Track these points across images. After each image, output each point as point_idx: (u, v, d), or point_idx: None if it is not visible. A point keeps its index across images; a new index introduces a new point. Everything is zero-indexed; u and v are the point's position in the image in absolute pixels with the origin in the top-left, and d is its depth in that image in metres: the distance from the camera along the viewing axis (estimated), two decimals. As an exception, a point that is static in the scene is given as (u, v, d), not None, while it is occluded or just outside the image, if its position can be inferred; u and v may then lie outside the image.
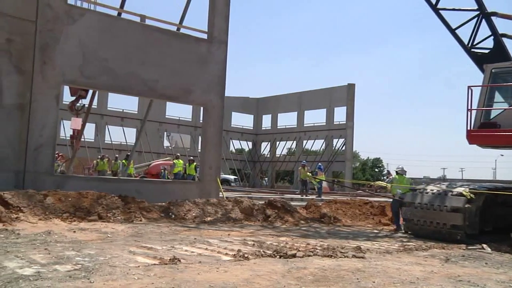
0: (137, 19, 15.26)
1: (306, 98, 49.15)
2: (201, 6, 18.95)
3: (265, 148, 54.03)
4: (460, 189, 10.73)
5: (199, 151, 35.19)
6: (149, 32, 15.22)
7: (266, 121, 54.56)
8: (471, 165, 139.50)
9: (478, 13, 12.85)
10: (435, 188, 11.40)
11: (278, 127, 53.00)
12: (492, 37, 12.88)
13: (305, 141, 50.21)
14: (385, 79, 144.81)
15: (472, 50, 13.17)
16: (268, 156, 52.86)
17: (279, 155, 52.07)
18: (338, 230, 12.18)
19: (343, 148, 45.16)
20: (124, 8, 15.60)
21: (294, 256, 6.96)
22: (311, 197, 23.00)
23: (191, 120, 48.76)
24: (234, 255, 6.79)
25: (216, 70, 16.63)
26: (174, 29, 16.38)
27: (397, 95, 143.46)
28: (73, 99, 17.30)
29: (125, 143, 42.24)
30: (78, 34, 13.64)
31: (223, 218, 12.35)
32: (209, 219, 12.15)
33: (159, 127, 45.04)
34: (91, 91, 16.40)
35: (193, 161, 23.84)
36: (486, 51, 13.05)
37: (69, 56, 13.50)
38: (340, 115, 45.95)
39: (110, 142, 42.39)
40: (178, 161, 24.64)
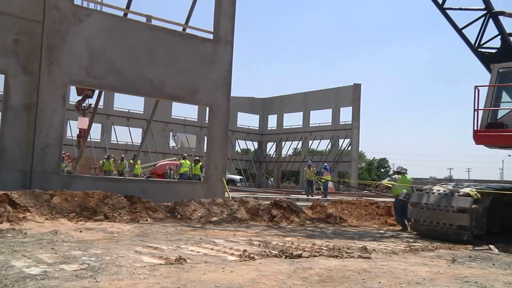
0: (144, 20, 15.31)
1: (312, 98, 49.08)
2: (207, 6, 18.94)
3: (270, 148, 54.04)
4: (466, 190, 10.67)
5: (205, 151, 35.22)
6: (155, 32, 15.26)
7: (272, 121, 54.58)
8: (478, 165, 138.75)
9: (485, 12, 12.76)
10: (441, 188, 11.34)
11: (284, 127, 52.95)
12: (499, 37, 12.80)
13: (311, 141, 50.14)
14: (391, 79, 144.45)
15: (479, 49, 13.09)
16: (273, 156, 52.83)
17: (284, 155, 52.04)
18: (344, 231, 12.15)
19: (349, 148, 45.05)
20: (130, 9, 15.66)
21: (300, 256, 6.95)
22: (316, 197, 22.99)
23: (197, 120, 48.83)
24: (240, 255, 6.79)
25: (222, 70, 16.64)
26: (180, 29, 16.41)
27: (403, 95, 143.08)
28: (80, 98, 17.38)
29: (131, 143, 42.37)
30: (84, 34, 13.70)
31: (229, 218, 12.35)
32: (215, 219, 12.16)
33: (165, 127, 45.13)
34: (97, 90, 16.47)
35: (198, 161, 23.90)
36: (493, 50, 12.96)
37: (75, 57, 13.56)
38: (346, 115, 45.90)
39: (116, 142, 42.53)
40: (185, 161, 24.70)
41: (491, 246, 9.72)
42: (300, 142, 50.39)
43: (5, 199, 9.83)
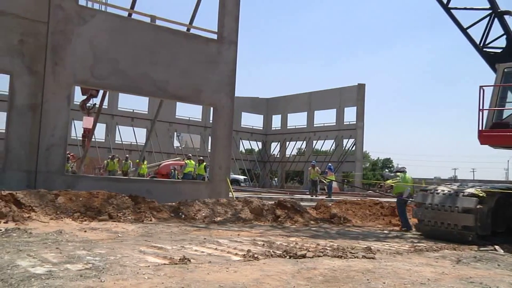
0: (148, 20, 15.33)
1: (316, 98, 49.04)
2: (211, 7, 18.96)
3: (275, 148, 54.06)
4: (471, 190, 10.63)
5: (209, 151, 35.24)
6: (159, 32, 15.28)
7: (276, 121, 54.54)
8: (483, 165, 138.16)
9: (490, 12, 12.71)
10: (446, 188, 11.30)
11: (288, 127, 52.92)
12: (504, 36, 12.74)
13: (315, 142, 50.07)
14: (395, 79, 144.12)
15: (484, 49, 13.03)
16: (278, 156, 52.82)
17: (289, 155, 52.01)
18: (348, 231, 12.13)
19: (353, 148, 44.99)
20: (135, 9, 15.69)
21: (304, 256, 6.95)
22: (321, 197, 22.97)
23: (201, 120, 48.88)
24: (244, 255, 6.78)
25: (226, 70, 16.65)
26: (184, 29, 16.43)
27: (408, 95, 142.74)
28: (84, 98, 17.44)
29: (136, 143, 42.44)
30: (89, 35, 13.75)
31: (233, 218, 12.36)
32: (219, 219, 12.17)
33: (169, 127, 45.21)
34: (102, 90, 16.52)
35: (202, 161, 23.91)
36: (499, 50, 12.91)
37: (80, 57, 13.60)
38: (350, 115, 45.86)
39: (121, 142, 42.63)
40: (190, 161, 24.73)
41: (496, 247, 9.67)
42: (304, 142, 50.36)
43: (10, 199, 9.87)
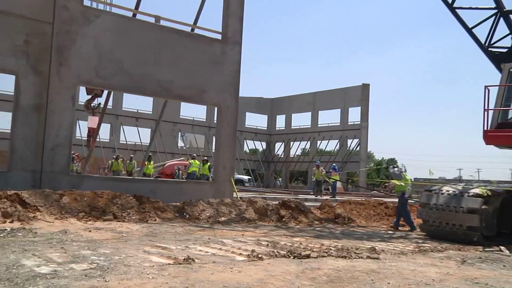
0: (152, 20, 15.36)
1: (320, 98, 49.00)
2: (215, 7, 18.99)
3: (279, 148, 54.02)
4: (476, 190, 10.59)
5: (213, 151, 35.29)
6: (164, 32, 15.30)
7: (280, 122, 54.57)
8: (488, 165, 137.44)
9: (496, 11, 12.66)
10: (451, 189, 11.27)
11: (292, 127, 52.92)
12: (510, 36, 12.69)
13: (319, 142, 50.04)
14: (400, 79, 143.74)
15: (489, 49, 12.99)
16: (282, 156, 52.82)
17: (293, 156, 52.01)
18: (353, 231, 12.11)
19: (358, 148, 44.92)
20: (139, 9, 15.72)
21: (308, 256, 6.94)
22: (325, 197, 22.93)
23: (205, 120, 48.94)
24: (248, 255, 6.79)
25: (230, 71, 16.66)
26: (189, 29, 16.44)
27: (412, 95, 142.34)
28: (89, 97, 17.50)
29: (140, 143, 42.55)
30: (93, 35, 13.78)
31: (237, 218, 12.36)
32: (223, 219, 12.18)
33: (173, 127, 45.29)
34: (106, 90, 16.56)
35: (207, 161, 23.92)
36: (504, 50, 12.86)
37: (84, 57, 13.64)
38: (355, 115, 45.80)
39: (125, 142, 42.74)
40: (194, 161, 24.74)
41: (502, 248, 9.63)
42: (309, 142, 50.32)
43: (15, 199, 9.92)
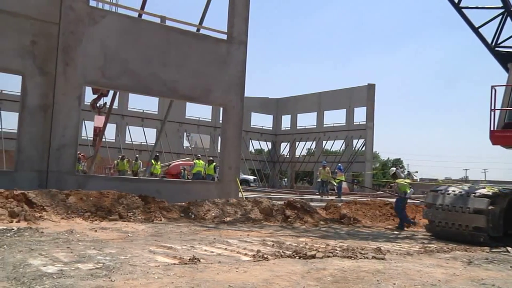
0: (158, 20, 15.39)
1: (326, 98, 48.89)
2: (220, 7, 19.03)
3: (284, 148, 53.95)
4: (483, 190, 10.53)
5: (218, 151, 35.33)
6: (169, 33, 15.33)
7: (286, 122, 54.47)
8: (495, 166, 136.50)
9: (503, 11, 12.59)
10: (457, 189, 11.21)
11: (298, 127, 52.83)
12: (517, 36, 12.63)
13: (324, 142, 49.93)
14: (406, 79, 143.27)
15: (496, 49, 12.92)
16: (287, 156, 52.75)
17: (298, 156, 51.91)
18: (358, 231, 12.08)
19: (363, 148, 44.80)
20: (145, 10, 15.76)
21: (313, 257, 6.93)
22: (330, 197, 22.90)
23: (210, 120, 48.97)
24: (254, 255, 6.79)
25: (236, 71, 16.66)
26: (194, 30, 16.46)
27: (418, 96, 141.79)
28: (95, 97, 17.55)
29: (146, 144, 42.64)
30: (99, 35, 13.83)
31: (243, 219, 12.37)
32: (228, 219, 12.18)
33: (179, 127, 45.34)
34: (112, 90, 16.61)
35: (212, 161, 23.95)
36: (511, 50, 12.78)
37: (90, 58, 13.69)
38: (360, 115, 45.63)
39: (131, 142, 42.84)
40: (199, 161, 24.79)
41: (509, 248, 9.58)
42: (314, 142, 50.23)
43: (22, 199, 9.97)
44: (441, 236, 11.08)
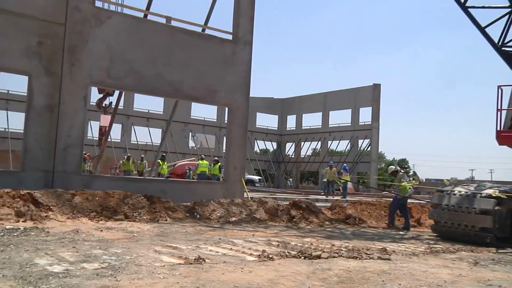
0: (163, 21, 15.41)
1: (331, 98, 48.81)
2: (226, 7, 19.03)
3: (289, 148, 53.92)
4: (489, 191, 10.48)
5: (223, 151, 35.34)
6: (174, 33, 15.35)
7: (291, 122, 54.45)
8: (501, 166, 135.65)
9: (509, 10, 12.51)
10: (463, 189, 11.16)
11: (303, 127, 52.77)
12: (524, 35, 12.55)
13: (330, 142, 49.86)
14: (412, 79, 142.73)
15: (503, 48, 12.85)
16: (292, 156, 52.71)
17: (303, 156, 51.88)
18: (363, 232, 12.05)
19: (369, 148, 44.70)
20: (150, 10, 15.79)
21: (318, 257, 6.92)
22: (336, 198, 22.86)
23: (216, 120, 49.02)
24: (259, 255, 6.78)
25: (241, 71, 16.67)
26: (199, 30, 16.48)
27: (424, 95, 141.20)
28: (101, 96, 17.61)
29: (151, 144, 42.75)
30: (105, 36, 13.88)
31: (248, 219, 12.36)
32: (233, 219, 12.19)
33: (184, 127, 45.42)
34: (118, 90, 16.66)
35: (217, 162, 23.98)
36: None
37: (96, 58, 13.74)
38: (366, 115, 45.53)
39: (136, 143, 42.96)
40: (202, 161, 24.84)
41: (515, 249, 9.53)
42: (319, 142, 50.17)
43: (28, 198, 10.02)
44: (447, 236, 11.04)
